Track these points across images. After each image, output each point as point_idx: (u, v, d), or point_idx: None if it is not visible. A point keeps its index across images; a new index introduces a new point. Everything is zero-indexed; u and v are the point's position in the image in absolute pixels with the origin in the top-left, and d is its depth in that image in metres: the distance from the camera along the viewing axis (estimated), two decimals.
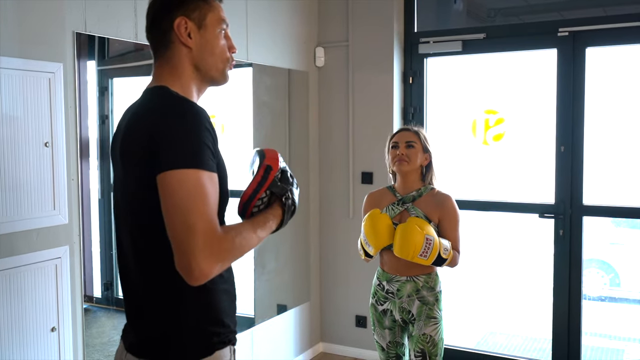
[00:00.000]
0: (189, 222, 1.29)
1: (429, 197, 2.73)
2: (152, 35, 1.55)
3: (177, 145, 1.33)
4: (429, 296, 2.71)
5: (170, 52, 1.51)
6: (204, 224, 1.30)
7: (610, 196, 3.87)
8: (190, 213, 1.30)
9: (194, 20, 1.51)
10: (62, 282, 2.47)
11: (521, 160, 3.96)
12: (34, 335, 2.35)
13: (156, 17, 1.52)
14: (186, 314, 1.44)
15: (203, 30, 1.52)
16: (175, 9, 1.50)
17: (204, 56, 1.53)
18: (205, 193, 1.32)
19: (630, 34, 3.46)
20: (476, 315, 5.02)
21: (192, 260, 1.29)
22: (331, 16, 4.17)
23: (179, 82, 1.51)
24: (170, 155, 1.32)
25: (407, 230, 2.57)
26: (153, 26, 1.54)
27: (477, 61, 4.03)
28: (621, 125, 3.75)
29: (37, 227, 2.37)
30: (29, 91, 2.32)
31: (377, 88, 4.04)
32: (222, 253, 1.34)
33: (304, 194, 4.19)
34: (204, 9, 1.52)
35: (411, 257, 2.56)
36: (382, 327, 2.81)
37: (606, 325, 5.01)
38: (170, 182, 1.31)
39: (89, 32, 2.61)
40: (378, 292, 2.81)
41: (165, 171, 1.31)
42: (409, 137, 2.75)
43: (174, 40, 1.50)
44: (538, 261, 4.55)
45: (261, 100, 3.87)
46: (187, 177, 1.31)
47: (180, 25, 1.49)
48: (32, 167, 2.33)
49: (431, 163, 2.77)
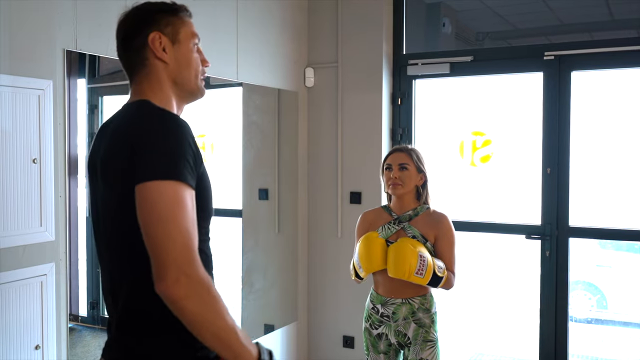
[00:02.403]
0: (167, 232, 1.28)
1: (425, 217, 2.72)
2: (125, 54, 1.55)
3: (157, 156, 1.33)
4: (425, 318, 2.68)
5: (147, 69, 1.52)
6: (183, 236, 1.29)
7: (596, 218, 3.90)
8: (169, 224, 1.28)
9: (168, 35, 1.52)
10: (48, 299, 2.45)
11: (508, 181, 4.00)
12: (18, 352, 2.33)
13: (128, 34, 1.53)
14: (171, 327, 1.43)
15: (177, 45, 1.53)
16: (148, 25, 1.51)
17: (181, 70, 1.54)
18: (184, 205, 1.31)
19: (615, 58, 3.52)
20: (465, 337, 5.01)
21: (168, 267, 1.27)
22: (321, 37, 4.22)
23: (160, 96, 1.52)
24: (149, 166, 1.31)
25: (400, 249, 2.55)
26: (125, 44, 1.54)
27: (465, 83, 4.08)
28: (606, 148, 3.79)
29: (23, 244, 2.35)
30: (18, 107, 2.32)
31: (366, 109, 4.08)
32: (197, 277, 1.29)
33: (293, 213, 4.19)
34: (176, 24, 1.54)
35: (407, 276, 2.52)
36: (377, 352, 2.75)
37: (593, 347, 5.02)
38: (149, 193, 1.30)
39: (79, 49, 2.62)
40: (372, 316, 2.76)
41: (144, 182, 1.31)
42: (402, 159, 2.74)
43: (149, 56, 1.51)
44: (525, 282, 4.56)
45: (251, 120, 3.89)
46: (166, 189, 1.30)
47: (154, 40, 1.50)
48: (19, 183, 2.33)
49: (426, 182, 2.77)
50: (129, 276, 1.45)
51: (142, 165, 1.32)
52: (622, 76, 3.74)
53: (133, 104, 1.51)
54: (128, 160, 1.35)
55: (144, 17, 1.52)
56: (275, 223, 4.11)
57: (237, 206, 3.89)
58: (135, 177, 1.32)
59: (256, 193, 4.03)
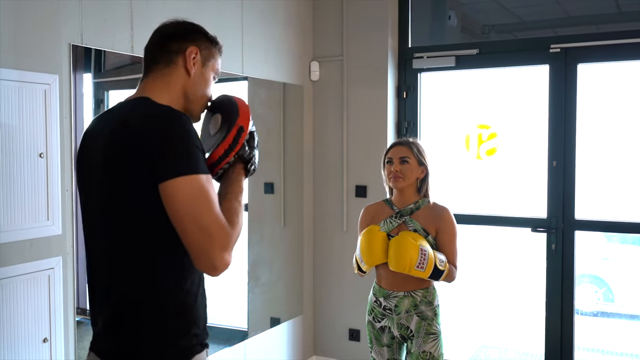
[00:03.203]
0: (203, 225, 1.40)
1: (426, 210, 2.73)
2: (156, 50, 1.62)
3: (174, 153, 1.40)
4: (428, 311, 2.69)
5: (169, 70, 1.60)
6: (217, 225, 1.42)
7: (602, 211, 3.89)
8: (202, 217, 1.41)
9: (203, 56, 1.63)
10: (55, 292, 2.47)
11: (514, 174, 3.99)
12: (26, 345, 2.35)
13: (172, 35, 1.63)
14: (164, 321, 1.45)
15: (205, 68, 1.64)
16: (192, 39, 1.62)
17: (196, 89, 1.63)
18: (209, 195, 1.43)
19: (621, 50, 3.50)
20: (469, 329, 5.02)
21: (214, 259, 1.42)
22: (326, 31, 4.21)
23: (167, 96, 1.57)
24: (170, 164, 1.39)
25: (400, 243, 2.57)
26: (163, 42, 1.62)
27: (471, 76, 4.07)
28: (612, 141, 3.78)
29: (30, 238, 2.37)
30: (24, 102, 2.33)
31: (371, 102, 4.08)
32: (234, 240, 1.48)
33: (299, 207, 4.20)
34: (212, 51, 1.67)
35: (408, 269, 2.54)
36: (380, 345, 2.77)
37: (599, 340, 5.02)
38: (177, 190, 1.39)
39: (85, 44, 2.63)
40: (375, 309, 2.77)
41: (169, 179, 1.38)
42: (403, 152, 2.75)
43: (179, 62, 1.60)
44: (531, 275, 4.56)
45: (256, 114, 3.89)
46: (191, 183, 1.40)
47: (192, 52, 1.61)
48: (26, 177, 2.34)
49: (427, 175, 2.77)
50: (127, 267, 1.46)
51: (161, 164, 1.39)
52: (628, 69, 3.72)
53: (137, 101, 1.54)
54: (139, 157, 1.40)
55: (193, 30, 1.66)
56: (280, 217, 4.12)
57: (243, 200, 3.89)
58: (155, 176, 1.40)
59: (262, 187, 4.03)
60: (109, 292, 1.50)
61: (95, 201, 1.52)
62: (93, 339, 1.58)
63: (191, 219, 1.39)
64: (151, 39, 1.66)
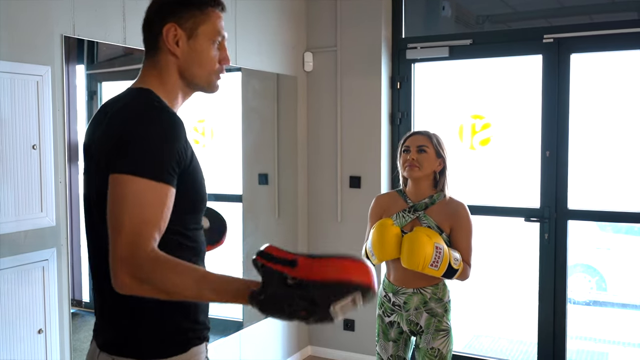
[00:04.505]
0: (118, 224, 1.28)
1: (442, 205, 2.62)
2: (145, 36, 1.56)
3: (136, 151, 1.33)
4: (438, 308, 2.62)
5: (157, 56, 1.52)
6: (131, 230, 1.27)
7: (595, 201, 3.91)
8: (122, 215, 1.28)
9: (186, 29, 1.49)
10: (50, 284, 2.48)
11: (507, 164, 4.01)
12: (21, 336, 2.36)
13: (150, 19, 1.53)
14: (162, 311, 1.44)
15: (193, 40, 1.50)
16: (169, 15, 1.49)
17: (190, 66, 1.52)
18: (145, 203, 1.30)
19: (614, 40, 3.51)
20: (463, 318, 5.05)
21: (112, 264, 1.28)
22: (320, 21, 4.21)
23: (163, 86, 1.52)
24: (125, 159, 1.32)
25: (415, 240, 2.45)
26: (146, 27, 1.54)
27: (464, 67, 4.07)
28: (605, 131, 3.80)
29: (24, 229, 2.37)
30: (16, 94, 2.33)
31: (365, 93, 4.08)
32: (141, 269, 1.26)
33: (293, 198, 4.21)
34: (198, 18, 1.50)
35: (421, 268, 2.44)
36: (387, 339, 2.71)
37: (591, 328, 5.06)
38: (115, 185, 1.31)
39: (77, 35, 2.62)
40: (385, 304, 2.70)
41: (116, 173, 1.32)
42: (421, 141, 2.62)
43: (162, 45, 1.50)
44: (524, 264, 4.59)
45: (250, 105, 3.89)
46: (132, 183, 1.30)
47: (169, 32, 1.48)
48: (19, 169, 2.34)
49: (445, 169, 2.64)
50: None
51: (119, 156, 1.32)
52: (621, 58, 3.73)
53: (134, 91, 1.51)
54: (113, 148, 1.35)
55: (167, 4, 1.51)
56: (275, 208, 4.13)
57: (238, 191, 3.90)
58: (111, 167, 1.33)
59: (256, 178, 4.04)
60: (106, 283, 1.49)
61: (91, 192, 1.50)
62: (94, 328, 1.58)
63: (113, 215, 1.30)
64: (143, 22, 1.57)
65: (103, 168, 1.37)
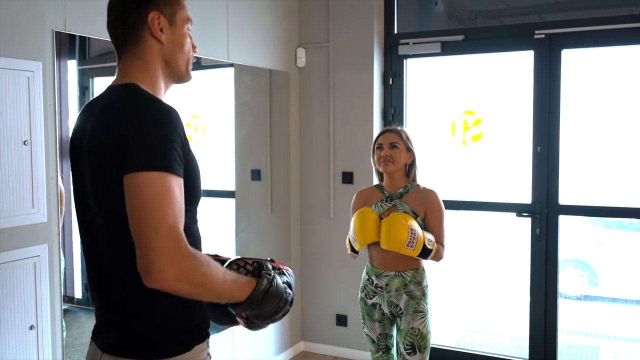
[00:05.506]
0: (153, 221, 1.29)
1: (415, 193, 2.86)
2: (117, 28, 1.53)
3: (147, 147, 1.33)
4: (416, 290, 2.82)
5: (141, 46, 1.51)
6: (168, 226, 1.29)
7: (586, 196, 3.93)
8: (155, 213, 1.29)
9: (166, 16, 1.51)
10: (41, 280, 2.47)
11: (499, 160, 4.02)
12: (12, 332, 2.35)
13: (125, 11, 1.51)
14: (166, 312, 1.44)
15: (173, 27, 1.53)
16: (149, 4, 1.50)
17: (174, 52, 1.54)
18: (172, 196, 1.32)
19: (605, 36, 3.53)
20: (456, 314, 5.07)
21: (153, 259, 1.28)
22: (312, 17, 4.20)
23: (149, 78, 1.51)
24: (139, 157, 1.32)
25: (391, 223, 2.69)
26: (120, 18, 1.52)
27: (456, 62, 4.08)
28: (596, 126, 3.82)
29: (15, 225, 2.37)
30: (7, 89, 2.32)
31: (357, 89, 4.08)
32: (184, 263, 1.30)
33: (285, 194, 4.21)
34: (174, 5, 1.53)
35: (398, 247, 2.66)
36: (372, 320, 2.91)
37: (583, 323, 5.09)
38: (137, 183, 1.31)
39: (68, 31, 2.61)
40: (367, 287, 2.91)
41: (133, 172, 1.31)
42: (392, 138, 2.87)
43: (145, 35, 1.50)
44: (516, 259, 4.61)
45: (242, 101, 3.89)
46: (154, 179, 1.31)
47: (154, 20, 1.49)
48: (10, 165, 2.33)
49: (414, 161, 2.89)
50: (123, 259, 1.44)
51: (130, 155, 1.32)
52: (612, 54, 3.75)
53: (122, 88, 1.49)
54: (116, 147, 1.35)
55: None
56: (268, 203, 4.13)
57: (230, 187, 3.90)
58: (125, 167, 1.33)
59: (249, 174, 4.04)
60: (108, 284, 1.48)
61: (89, 191, 1.49)
62: (93, 329, 1.57)
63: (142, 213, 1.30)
64: (108, 16, 1.54)
65: (109, 169, 1.37)
